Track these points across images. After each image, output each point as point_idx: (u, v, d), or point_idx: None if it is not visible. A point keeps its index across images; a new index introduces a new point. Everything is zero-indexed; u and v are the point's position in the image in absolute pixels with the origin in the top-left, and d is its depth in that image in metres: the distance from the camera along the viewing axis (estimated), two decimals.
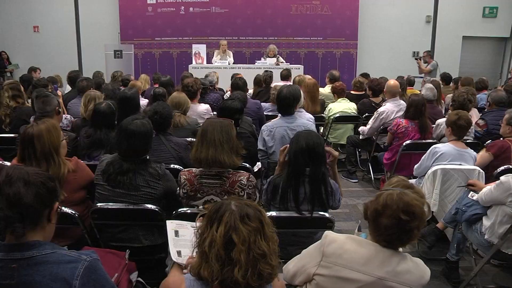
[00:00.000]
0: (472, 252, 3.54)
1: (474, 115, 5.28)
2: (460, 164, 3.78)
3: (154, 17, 12.33)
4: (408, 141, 4.71)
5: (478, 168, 3.77)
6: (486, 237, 3.10)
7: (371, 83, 6.35)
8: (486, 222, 3.13)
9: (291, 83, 6.24)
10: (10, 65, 12.29)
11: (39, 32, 12.63)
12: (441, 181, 3.74)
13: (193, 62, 10.12)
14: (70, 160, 2.86)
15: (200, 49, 10.21)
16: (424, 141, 4.73)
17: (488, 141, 4.49)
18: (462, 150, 3.85)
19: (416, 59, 10.30)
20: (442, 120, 4.86)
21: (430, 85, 5.72)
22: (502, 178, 3.00)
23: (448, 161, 3.80)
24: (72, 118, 4.68)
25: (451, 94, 5.85)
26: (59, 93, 5.95)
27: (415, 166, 4.14)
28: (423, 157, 4.00)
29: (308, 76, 6.52)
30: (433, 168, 3.76)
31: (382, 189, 1.89)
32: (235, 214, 1.52)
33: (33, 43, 12.60)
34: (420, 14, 12.76)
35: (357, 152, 6.20)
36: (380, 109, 5.46)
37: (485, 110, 5.64)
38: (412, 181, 4.29)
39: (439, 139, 4.81)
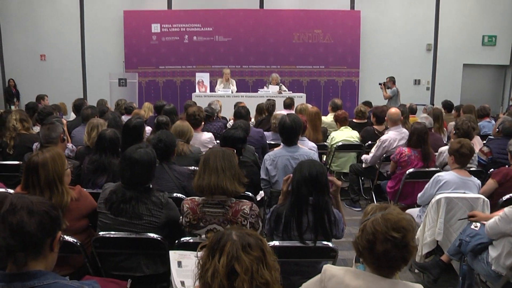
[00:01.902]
0: (480, 282, 3.48)
1: (477, 142, 5.28)
2: (464, 193, 3.75)
3: (158, 46, 12.54)
4: (411, 170, 4.69)
5: (483, 197, 3.74)
6: (493, 268, 3.04)
7: (375, 110, 6.38)
8: (492, 252, 3.07)
9: (294, 112, 6.28)
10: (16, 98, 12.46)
11: (46, 60, 12.84)
12: (445, 209, 3.71)
13: (197, 90, 10.22)
14: (73, 188, 2.87)
15: (203, 77, 10.32)
16: (427, 169, 4.71)
17: (491, 169, 4.47)
18: (466, 178, 3.83)
19: (379, 84, 10.32)
20: (444, 148, 4.86)
21: (425, 115, 5.78)
22: (506, 209, 2.95)
23: (452, 189, 3.77)
24: (74, 147, 4.71)
25: (453, 122, 5.88)
26: (63, 121, 6.00)
27: (419, 195, 4.11)
28: (426, 185, 3.98)
29: (309, 105, 6.56)
30: (437, 197, 3.73)
31: (362, 220, 1.88)
32: (237, 244, 1.51)
33: (40, 71, 12.81)
34: (421, 42, 12.96)
35: (360, 180, 6.18)
36: (383, 137, 5.47)
37: (490, 137, 5.64)
38: (416, 209, 4.28)
39: (442, 167, 4.79)
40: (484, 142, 5.45)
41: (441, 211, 3.71)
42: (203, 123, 5.41)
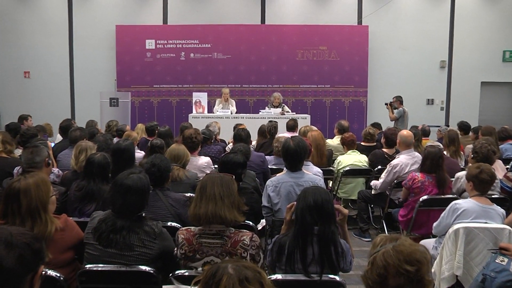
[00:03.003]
0: None
1: (499, 167, 5.23)
2: (486, 222, 3.71)
3: (153, 63, 12.67)
4: (425, 197, 4.68)
5: (508, 227, 3.67)
6: None
7: (387, 131, 6.38)
8: None
9: (297, 134, 6.29)
10: None
11: (30, 77, 12.92)
12: (465, 241, 3.65)
13: (194, 111, 10.27)
14: (58, 217, 2.86)
15: (201, 97, 10.39)
16: (443, 196, 4.70)
17: None
18: (487, 207, 3.78)
19: (385, 104, 10.35)
20: (462, 174, 4.84)
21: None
22: None
23: (471, 218, 3.72)
24: (60, 172, 4.71)
25: (471, 145, 5.87)
26: (48, 143, 6.01)
27: (434, 224, 4.07)
28: (442, 214, 3.95)
29: (313, 127, 6.58)
30: (455, 227, 3.69)
31: (371, 253, 1.87)
32: (233, 278, 1.51)
33: (23, 89, 12.86)
34: (434, 59, 13.06)
35: (370, 208, 6.15)
36: (394, 162, 5.46)
37: None
38: (431, 240, 4.24)
39: (460, 194, 4.77)
40: (508, 166, 5.42)
41: (459, 243, 3.66)
42: (200, 146, 5.41)
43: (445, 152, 5.76)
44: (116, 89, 12.36)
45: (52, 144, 6.48)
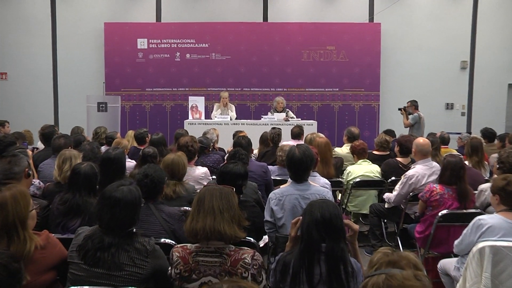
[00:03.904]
0: None
1: None
2: None
3: (145, 65, 12.72)
4: (444, 211, 4.66)
5: None
6: None
7: (401, 139, 6.37)
8: None
9: (303, 142, 6.28)
10: None
11: (7, 79, 12.96)
12: (492, 261, 3.60)
13: (190, 116, 10.31)
14: (39, 234, 2.84)
15: (197, 101, 10.42)
16: (465, 211, 4.68)
17: None
18: None
19: (399, 109, 10.34)
20: (486, 186, 4.83)
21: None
22: None
23: (499, 236, 3.67)
24: (41, 183, 4.71)
25: (496, 154, 5.85)
26: (29, 152, 6.00)
27: (456, 242, 4.04)
28: (464, 231, 3.91)
29: (320, 134, 6.58)
30: (479, 245, 3.65)
31: (366, 275, 1.82)
32: None
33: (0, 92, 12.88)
34: (454, 59, 13.07)
35: (383, 223, 6.14)
36: (409, 173, 5.45)
37: None
38: (453, 260, 4.20)
39: (484, 209, 4.74)
40: None
41: (485, 263, 3.60)
42: (196, 155, 5.42)
43: (466, 163, 5.74)
44: (105, 93, 12.41)
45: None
